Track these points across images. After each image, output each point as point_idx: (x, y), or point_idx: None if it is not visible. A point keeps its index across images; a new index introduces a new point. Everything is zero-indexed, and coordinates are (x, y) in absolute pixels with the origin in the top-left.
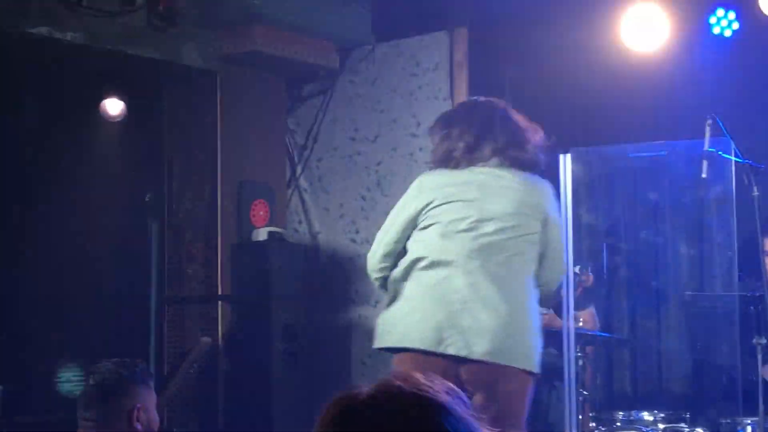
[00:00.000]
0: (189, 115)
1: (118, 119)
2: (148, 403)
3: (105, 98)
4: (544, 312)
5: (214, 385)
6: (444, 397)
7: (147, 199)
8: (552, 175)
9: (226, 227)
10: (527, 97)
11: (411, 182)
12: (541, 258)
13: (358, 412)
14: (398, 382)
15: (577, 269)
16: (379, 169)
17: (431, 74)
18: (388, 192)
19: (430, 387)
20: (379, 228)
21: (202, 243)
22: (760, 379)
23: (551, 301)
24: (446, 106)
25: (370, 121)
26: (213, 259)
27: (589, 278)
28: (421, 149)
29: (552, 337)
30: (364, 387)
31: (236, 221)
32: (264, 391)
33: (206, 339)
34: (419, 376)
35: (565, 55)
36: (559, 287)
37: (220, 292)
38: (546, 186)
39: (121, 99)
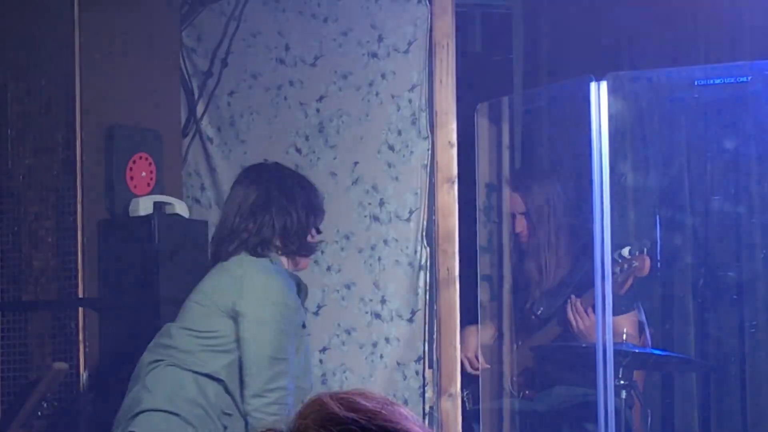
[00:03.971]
0: (32, 23)
1: None
2: None
3: None
4: None
5: (72, 431)
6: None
7: None
8: (579, 113)
9: (89, 195)
10: None
11: (369, 127)
12: None
13: None
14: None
15: (625, 252)
16: (321, 106)
17: None
18: (335, 141)
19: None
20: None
21: (53, 220)
22: None
23: None
24: (421, 12)
25: (308, 34)
26: (70, 244)
27: (645, 263)
28: (383, 76)
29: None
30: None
31: (105, 186)
32: None
33: (61, 364)
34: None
35: None
36: None
37: (81, 294)
38: None
39: None
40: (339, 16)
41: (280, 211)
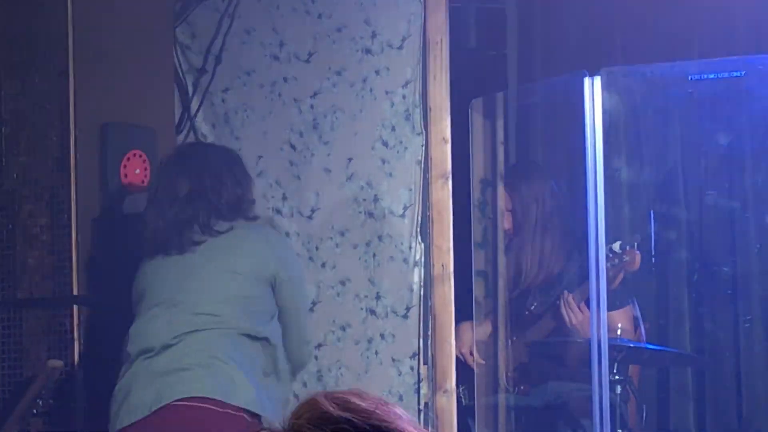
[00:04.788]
0: (25, 20)
1: None
2: None
3: None
4: None
5: (68, 428)
6: None
7: None
8: (573, 108)
9: (83, 193)
10: None
11: (363, 123)
12: None
13: None
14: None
15: (616, 246)
16: (315, 102)
17: None
18: (329, 138)
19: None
20: (314, 193)
21: (48, 217)
22: None
23: None
24: (415, 8)
25: (302, 30)
26: (64, 242)
27: (636, 258)
28: (377, 72)
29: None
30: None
31: (99, 184)
32: None
33: (56, 362)
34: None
35: None
36: None
37: (76, 292)
38: None
39: None
40: (333, 12)
41: (215, 195)
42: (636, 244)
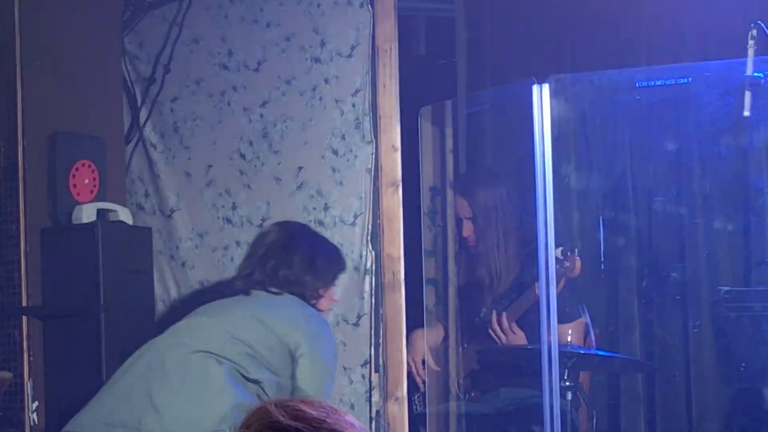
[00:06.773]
0: None
1: None
2: None
3: None
4: None
5: None
6: None
7: None
8: (521, 115)
9: (31, 204)
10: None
11: (313, 131)
12: None
13: None
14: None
15: (557, 252)
16: (265, 112)
17: None
18: (279, 147)
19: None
20: (265, 202)
21: None
22: None
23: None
24: (363, 17)
25: (251, 39)
26: (13, 252)
27: (576, 263)
28: (327, 80)
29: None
30: None
31: (47, 194)
32: None
33: (5, 373)
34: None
35: None
36: None
37: (24, 303)
38: None
39: None
40: (281, 21)
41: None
42: (576, 250)
